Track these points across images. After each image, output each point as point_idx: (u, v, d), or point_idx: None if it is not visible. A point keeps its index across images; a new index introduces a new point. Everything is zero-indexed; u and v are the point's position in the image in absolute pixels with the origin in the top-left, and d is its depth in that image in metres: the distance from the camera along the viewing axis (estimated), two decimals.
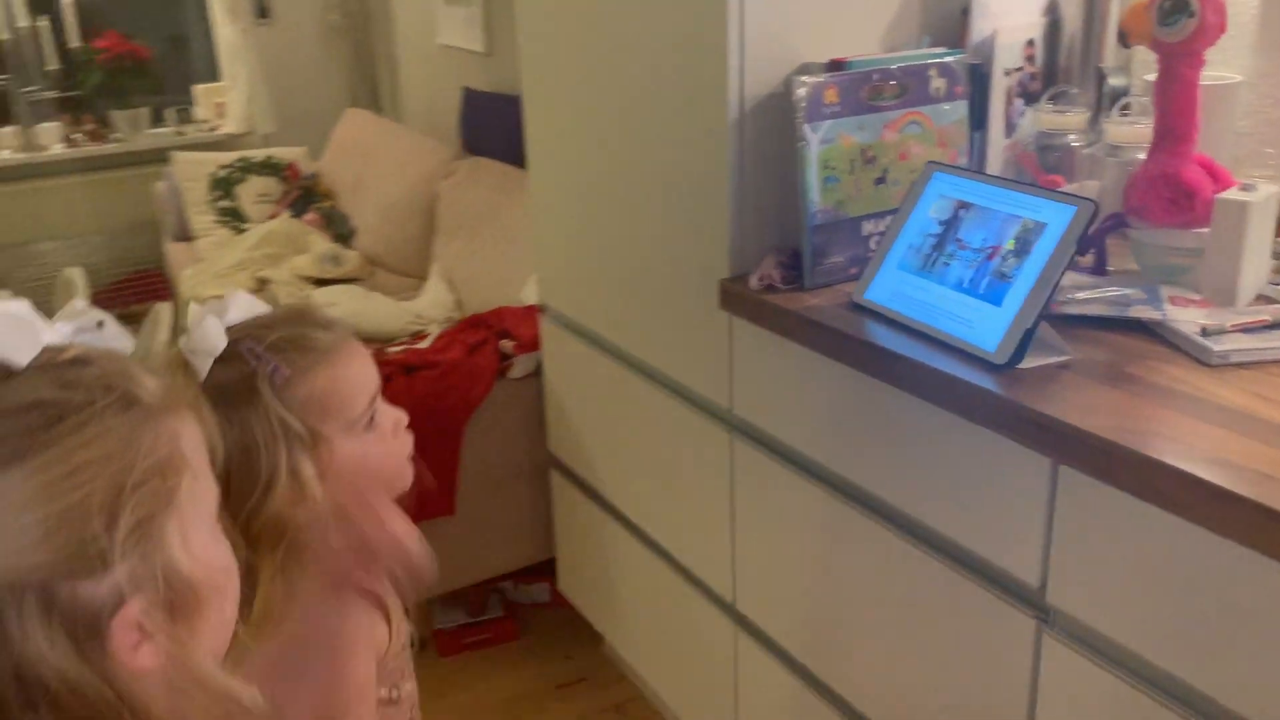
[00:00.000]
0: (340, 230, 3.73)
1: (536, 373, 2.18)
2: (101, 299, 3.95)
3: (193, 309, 0.98)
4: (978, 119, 1.51)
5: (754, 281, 1.43)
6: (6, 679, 0.55)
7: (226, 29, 4.33)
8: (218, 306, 0.97)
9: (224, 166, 3.89)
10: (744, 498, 1.58)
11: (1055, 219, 1.17)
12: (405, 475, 1.09)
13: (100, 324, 0.67)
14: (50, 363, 0.62)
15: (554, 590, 2.37)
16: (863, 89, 1.40)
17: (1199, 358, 1.14)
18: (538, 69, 1.91)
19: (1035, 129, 1.55)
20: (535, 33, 1.89)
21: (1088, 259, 1.37)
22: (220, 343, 0.93)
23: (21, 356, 0.60)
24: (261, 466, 0.92)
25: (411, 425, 2.02)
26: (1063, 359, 1.16)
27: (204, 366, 0.92)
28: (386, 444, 1.06)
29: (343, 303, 2.92)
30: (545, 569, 2.37)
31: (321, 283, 3.35)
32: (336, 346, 1.00)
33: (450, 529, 2.21)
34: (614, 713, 2.18)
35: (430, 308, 2.87)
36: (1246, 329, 1.16)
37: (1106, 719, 1.07)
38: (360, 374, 1.02)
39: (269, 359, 0.95)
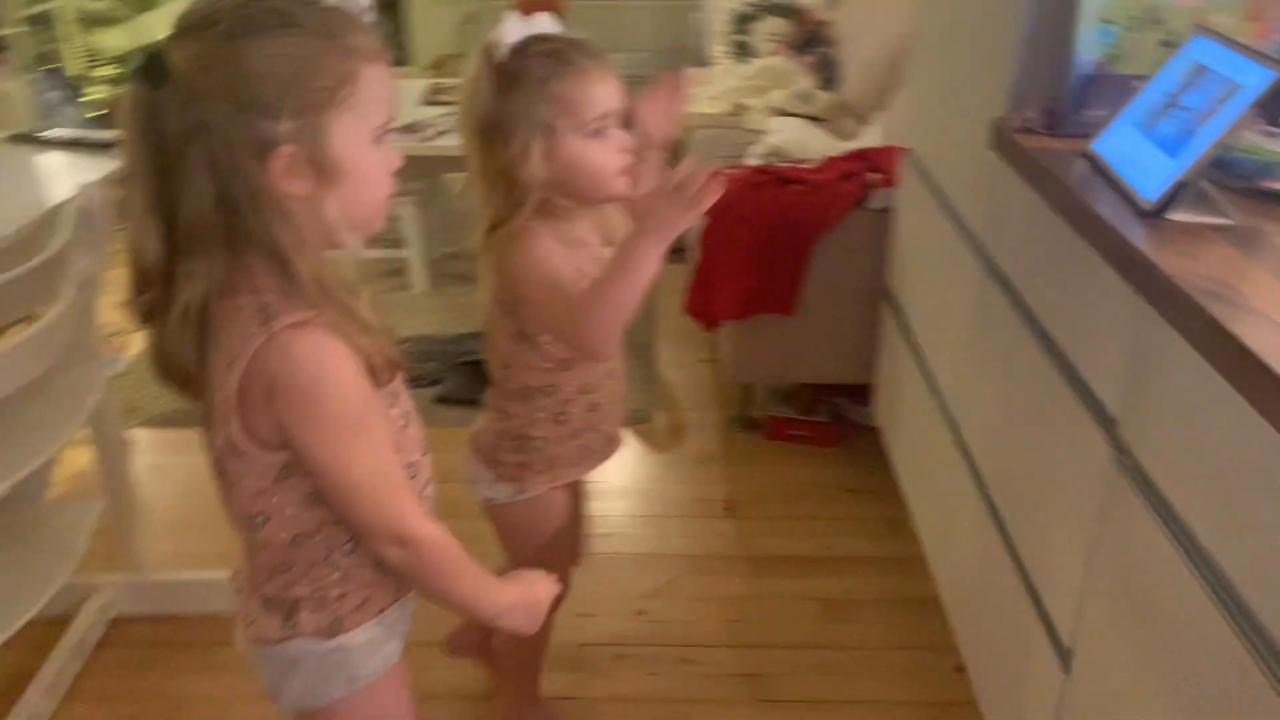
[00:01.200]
0: (829, 75, 4.03)
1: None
2: None
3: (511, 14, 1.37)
4: None
5: (1014, 120, 1.55)
6: (220, 176, 0.90)
7: None
8: (526, 20, 1.34)
9: (748, 3, 4.34)
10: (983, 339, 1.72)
11: (1252, 82, 1.17)
12: (611, 182, 1.35)
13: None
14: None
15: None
16: None
17: None
18: None
19: None
20: None
21: None
22: (512, 38, 1.30)
23: None
24: (509, 130, 1.30)
25: (769, 230, 2.38)
26: (1221, 221, 1.19)
27: (500, 53, 1.31)
28: (604, 153, 1.34)
29: (787, 131, 3.26)
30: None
31: (791, 116, 3.71)
32: (587, 68, 1.31)
33: (787, 329, 2.54)
34: (884, 524, 2.41)
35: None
36: None
37: (1154, 581, 1.12)
38: (598, 93, 1.31)
39: (538, 62, 1.30)
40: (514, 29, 1.31)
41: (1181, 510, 1.07)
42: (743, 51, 4.31)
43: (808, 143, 3.15)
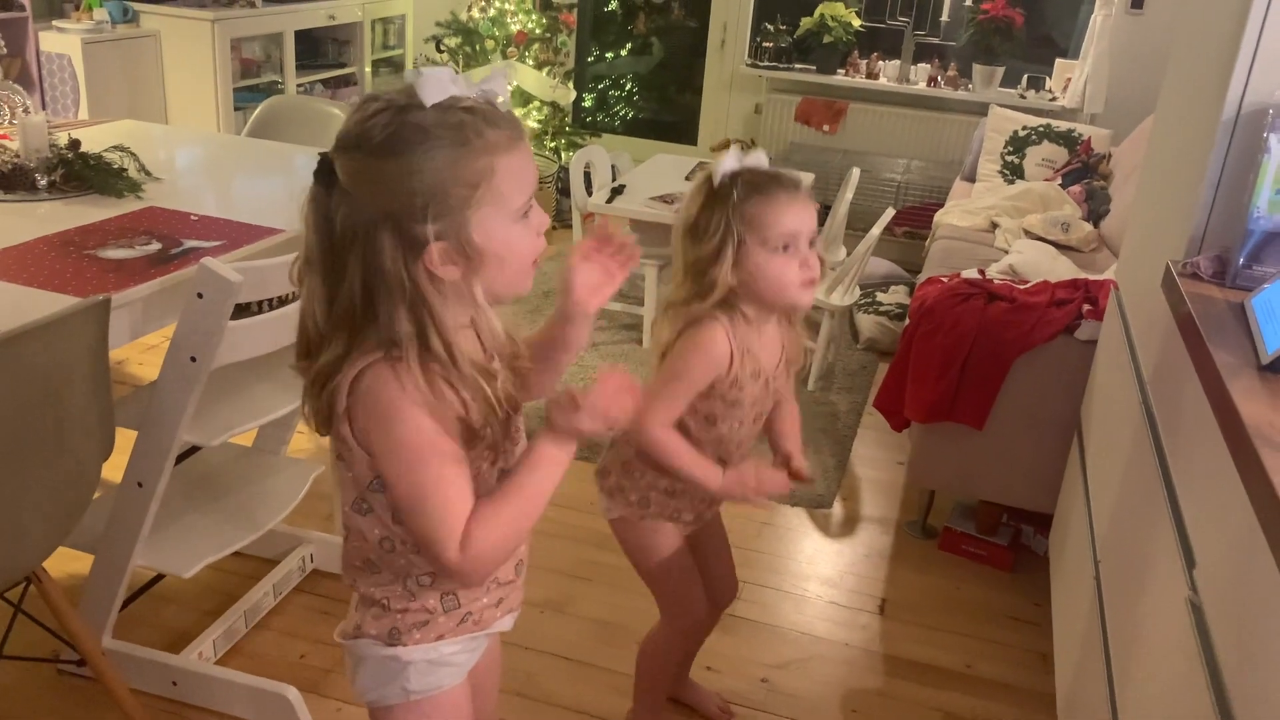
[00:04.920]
0: (1096, 208, 3.97)
1: None
2: (899, 217, 4.76)
3: (732, 148, 1.59)
4: None
5: (1182, 266, 1.56)
6: (368, 272, 1.05)
7: (1099, 12, 4.68)
8: (741, 153, 1.56)
9: (1027, 128, 4.35)
10: None
11: None
12: (789, 294, 1.53)
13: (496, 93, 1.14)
14: (444, 105, 1.04)
15: None
16: None
17: None
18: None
19: None
20: None
21: None
22: (728, 168, 1.53)
23: (429, 99, 1.04)
24: (709, 235, 1.52)
25: (969, 341, 2.43)
26: None
27: (716, 177, 1.53)
28: (785, 268, 1.52)
29: (1028, 253, 3.26)
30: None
31: (1044, 242, 3.69)
32: (779, 195, 1.51)
33: (974, 443, 2.55)
34: (1036, 656, 2.36)
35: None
36: None
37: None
38: (787, 216, 1.51)
39: (740, 187, 1.52)
40: (731, 161, 1.54)
41: (1221, 655, 1.08)
42: (1012, 172, 4.31)
43: (1048, 268, 3.14)
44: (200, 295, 1.69)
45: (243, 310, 1.82)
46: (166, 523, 1.99)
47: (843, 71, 5.23)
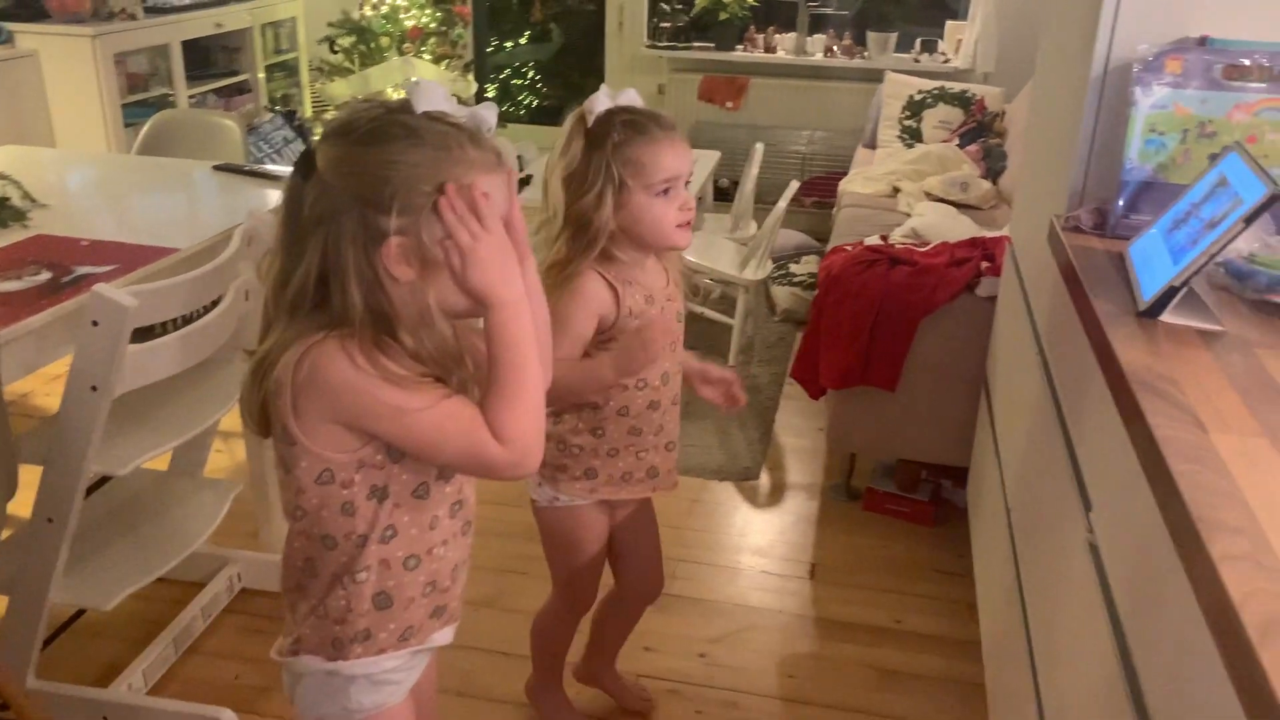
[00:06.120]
0: (993, 166, 4.07)
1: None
2: (807, 187, 4.81)
3: (603, 88, 1.58)
4: None
5: (1065, 220, 1.62)
6: (327, 253, 1.06)
7: None
8: (616, 93, 1.55)
9: (922, 91, 4.43)
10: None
11: (1250, 198, 1.22)
12: (669, 236, 1.55)
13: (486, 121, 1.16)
14: (434, 115, 1.09)
15: None
16: (1218, 67, 1.48)
17: None
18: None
19: None
20: None
21: None
22: (600, 107, 1.52)
23: (421, 106, 1.09)
24: (589, 182, 1.51)
25: (876, 307, 2.48)
26: (1211, 327, 1.24)
27: (590, 118, 1.52)
28: (665, 210, 1.54)
29: (929, 215, 3.33)
30: None
31: (945, 202, 3.77)
32: (659, 137, 1.52)
33: (888, 404, 2.61)
34: (962, 606, 2.43)
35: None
36: None
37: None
38: (668, 158, 1.52)
39: (618, 128, 1.51)
40: (603, 100, 1.53)
41: (1117, 596, 1.13)
42: (911, 136, 4.39)
43: (949, 228, 3.21)
44: (95, 323, 1.65)
45: (146, 333, 1.79)
46: (84, 555, 1.94)
47: (741, 47, 5.26)
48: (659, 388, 1.65)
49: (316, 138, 1.11)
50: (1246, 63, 1.47)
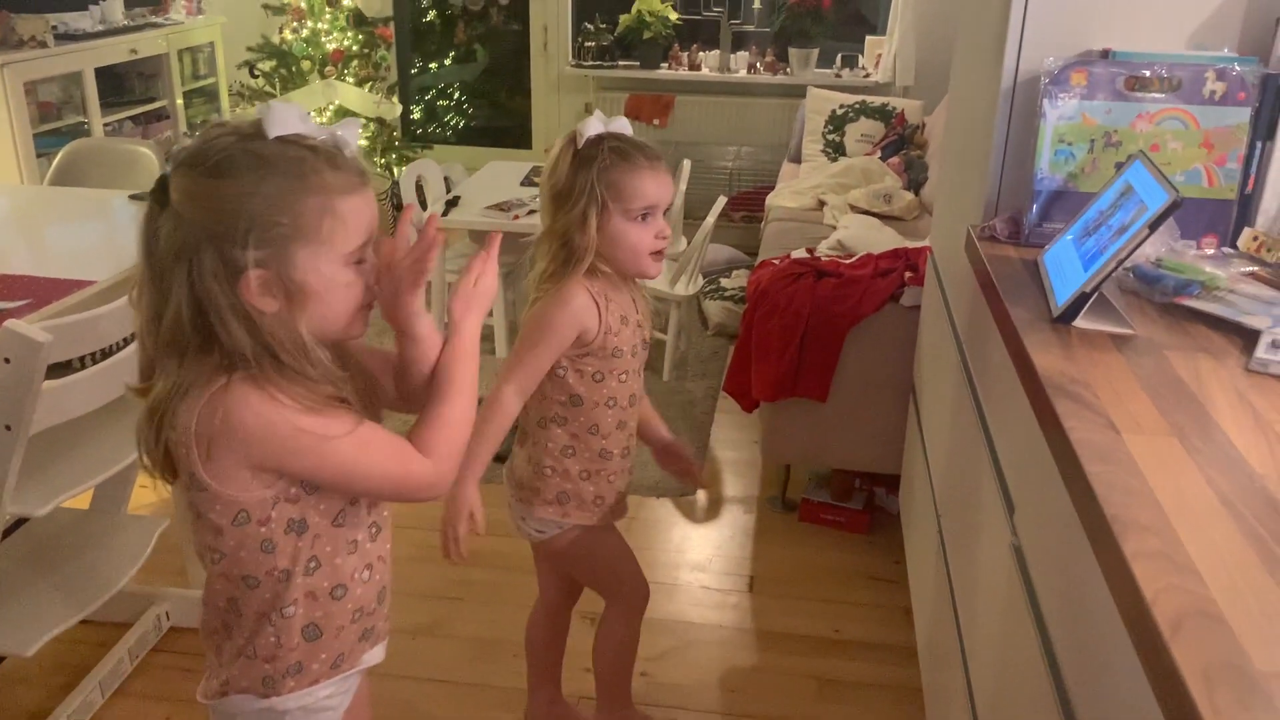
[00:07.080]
0: (915, 177, 4.15)
1: None
2: (735, 202, 4.86)
3: (596, 112, 1.64)
4: (1266, 129, 1.52)
5: (980, 230, 1.65)
6: (195, 293, 1.03)
7: None
8: (606, 118, 1.59)
9: (844, 106, 4.51)
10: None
11: (1154, 205, 1.27)
12: (642, 262, 1.60)
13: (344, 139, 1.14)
14: (288, 139, 1.05)
15: None
16: (1121, 78, 1.53)
17: (1250, 365, 1.18)
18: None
19: None
20: None
21: None
22: (592, 131, 1.56)
23: (273, 131, 1.05)
24: (573, 200, 1.54)
25: (804, 319, 2.50)
26: (1122, 331, 1.28)
27: (580, 140, 1.56)
28: (642, 236, 1.58)
29: (854, 228, 3.39)
30: None
31: (870, 214, 3.83)
32: (642, 165, 1.56)
33: (820, 414, 2.64)
34: (899, 612, 2.46)
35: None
36: None
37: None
38: (649, 186, 1.56)
39: (605, 153, 1.55)
40: (596, 125, 1.57)
41: (1040, 595, 1.16)
42: (834, 149, 4.46)
43: (873, 240, 3.27)
44: (7, 360, 1.60)
45: (63, 368, 1.74)
46: (3, 600, 1.88)
47: (666, 65, 5.31)
48: (626, 408, 1.69)
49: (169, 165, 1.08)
50: (1147, 74, 1.52)
